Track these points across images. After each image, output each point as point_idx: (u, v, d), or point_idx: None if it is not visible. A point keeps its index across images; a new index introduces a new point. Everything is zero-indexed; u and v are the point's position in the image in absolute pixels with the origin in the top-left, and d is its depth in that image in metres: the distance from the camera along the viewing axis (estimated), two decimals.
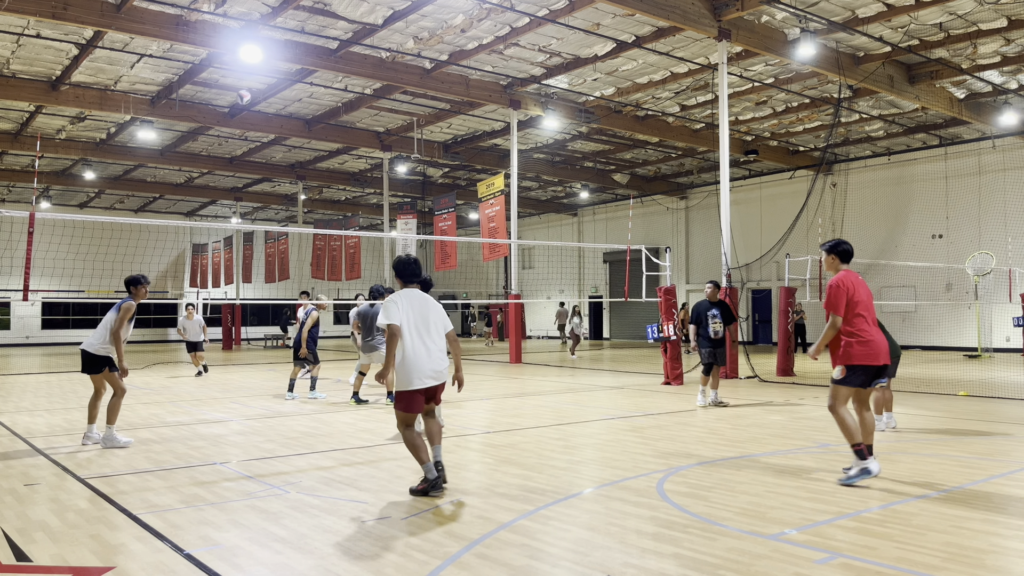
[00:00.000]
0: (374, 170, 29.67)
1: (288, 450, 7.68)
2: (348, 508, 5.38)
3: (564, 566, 4.14)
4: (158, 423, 9.71)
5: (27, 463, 7.11)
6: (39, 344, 33.97)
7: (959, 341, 22.97)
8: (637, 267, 18.92)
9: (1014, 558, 4.26)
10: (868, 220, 25.74)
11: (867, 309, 6.13)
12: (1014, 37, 15.64)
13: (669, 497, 5.59)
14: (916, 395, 12.09)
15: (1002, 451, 7.40)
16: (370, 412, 10.57)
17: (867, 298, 6.19)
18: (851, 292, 6.09)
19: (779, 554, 4.29)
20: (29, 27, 15.23)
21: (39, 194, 32.45)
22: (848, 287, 6.11)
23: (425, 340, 5.74)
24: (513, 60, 17.44)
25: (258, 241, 33.58)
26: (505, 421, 9.60)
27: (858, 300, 6.10)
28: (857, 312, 6.07)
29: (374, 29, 15.31)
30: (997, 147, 22.68)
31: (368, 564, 4.21)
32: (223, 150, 26.43)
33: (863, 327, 6.05)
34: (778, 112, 21.27)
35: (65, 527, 4.95)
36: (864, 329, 6.04)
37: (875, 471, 5.96)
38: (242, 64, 16.75)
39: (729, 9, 14.23)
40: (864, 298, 6.15)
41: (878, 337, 6.09)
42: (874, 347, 6.04)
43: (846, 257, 6.43)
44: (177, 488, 6.03)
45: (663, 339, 14.57)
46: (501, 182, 20.61)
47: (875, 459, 6.03)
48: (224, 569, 4.15)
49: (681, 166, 28.96)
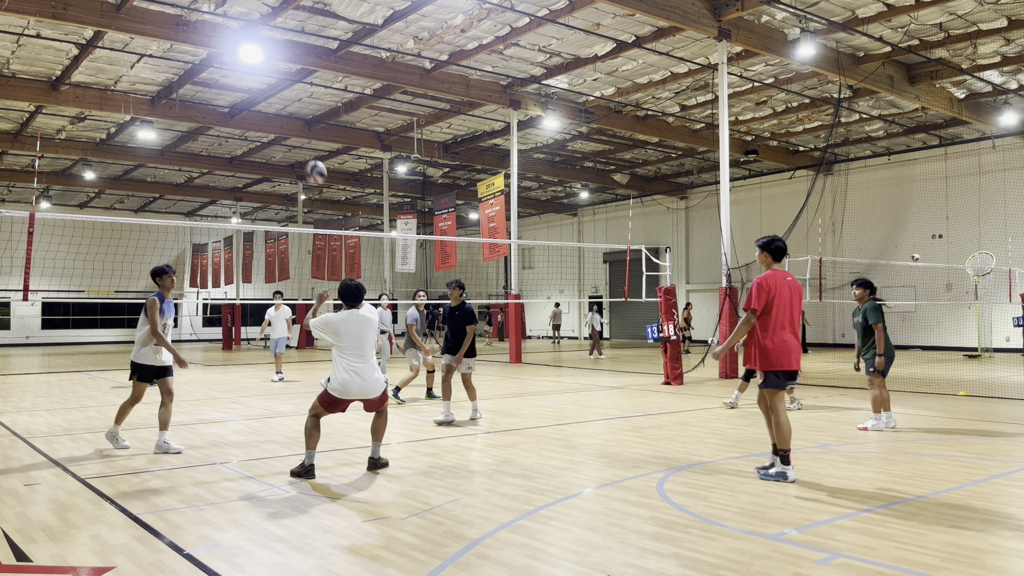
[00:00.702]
0: (374, 170, 29.67)
1: (288, 450, 7.68)
2: (348, 508, 5.38)
3: (564, 566, 4.14)
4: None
5: (27, 463, 7.11)
6: (39, 344, 33.95)
7: (959, 341, 22.97)
8: (637, 267, 18.92)
9: (1014, 558, 4.26)
10: (868, 220, 25.75)
11: (785, 311, 6.07)
12: (1014, 37, 15.65)
13: (669, 497, 5.59)
14: (916, 395, 12.09)
15: (1002, 451, 7.40)
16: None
17: (790, 300, 6.11)
18: (772, 293, 6.03)
19: (779, 554, 4.29)
20: (29, 27, 15.23)
21: (39, 194, 32.46)
22: (771, 287, 6.04)
23: (357, 362, 6.31)
24: (513, 60, 17.44)
25: (258, 241, 33.58)
26: (505, 421, 9.59)
27: (779, 303, 6.05)
28: (774, 314, 6.03)
29: (374, 29, 15.31)
30: (997, 147, 22.68)
31: (368, 564, 4.21)
32: (223, 150, 26.43)
33: (775, 329, 6.03)
34: (778, 112, 21.27)
35: (65, 527, 4.95)
36: (776, 332, 6.02)
37: (791, 478, 6.01)
38: (242, 64, 16.76)
39: (729, 9, 14.24)
40: (785, 301, 6.08)
41: (790, 340, 6.06)
42: (785, 350, 6.02)
43: (778, 255, 6.33)
44: (177, 488, 6.03)
45: (663, 339, 14.57)
46: (501, 182, 20.61)
47: (793, 468, 6.09)
48: (224, 569, 4.15)
49: (681, 166, 28.96)
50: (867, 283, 8.81)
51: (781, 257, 6.34)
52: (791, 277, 6.24)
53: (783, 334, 6.03)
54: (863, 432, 8.52)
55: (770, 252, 6.32)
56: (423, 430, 8.99)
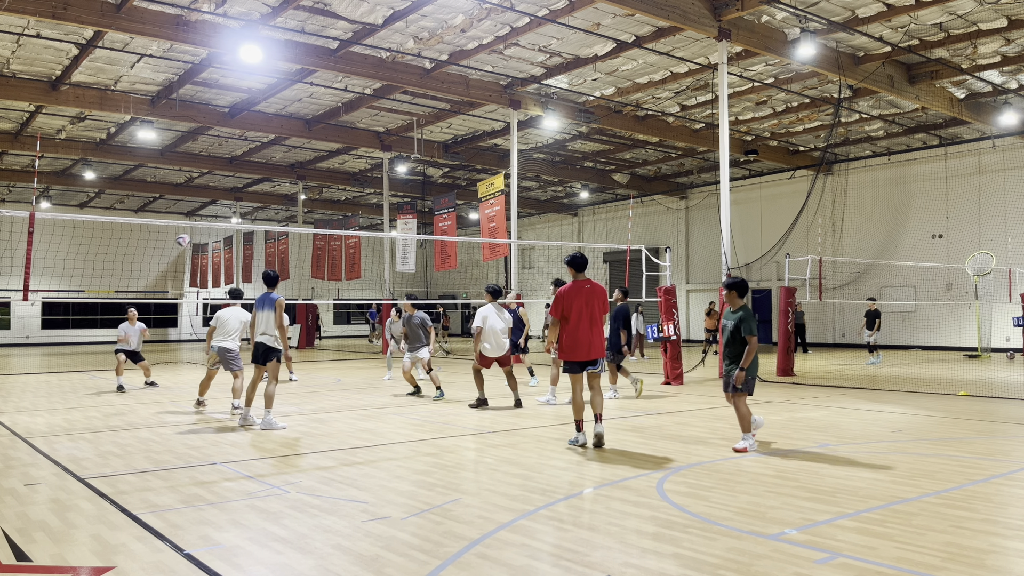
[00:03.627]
0: (374, 170, 29.67)
1: (288, 450, 7.68)
2: (348, 508, 5.38)
3: (564, 566, 4.14)
4: (158, 423, 9.71)
5: (27, 463, 7.11)
6: (39, 344, 33.96)
7: (959, 341, 22.98)
8: (637, 267, 18.91)
9: (1014, 558, 4.26)
10: (868, 220, 25.75)
11: (580, 314, 7.55)
12: (1014, 37, 15.64)
13: (669, 497, 5.59)
14: (916, 395, 12.09)
15: (1002, 451, 7.40)
16: (372, 412, 10.59)
17: (585, 304, 7.59)
18: (568, 301, 7.56)
19: (779, 554, 4.29)
20: (29, 27, 15.23)
21: (39, 194, 32.46)
22: (566, 297, 7.59)
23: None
24: (513, 60, 17.44)
25: (258, 241, 33.58)
26: (505, 421, 9.60)
27: (574, 307, 7.55)
28: (569, 316, 7.58)
29: (374, 29, 15.31)
30: (997, 147, 22.68)
31: (368, 564, 4.21)
32: (223, 150, 26.43)
33: (571, 329, 7.57)
34: (778, 112, 21.27)
35: (65, 527, 4.95)
36: (571, 331, 7.56)
37: (581, 441, 7.64)
38: (242, 64, 16.75)
39: (729, 9, 14.23)
40: (581, 305, 7.57)
41: (582, 336, 7.54)
42: (577, 344, 7.55)
43: (578, 266, 7.79)
44: (177, 488, 6.03)
45: (663, 339, 14.57)
46: (501, 182, 20.61)
47: (583, 434, 7.68)
48: (224, 569, 4.15)
49: (681, 166, 28.96)
50: (741, 284, 7.53)
51: (582, 267, 7.82)
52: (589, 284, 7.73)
53: (577, 333, 7.57)
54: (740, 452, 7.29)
55: (572, 266, 7.82)
56: (423, 430, 8.99)
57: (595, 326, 7.61)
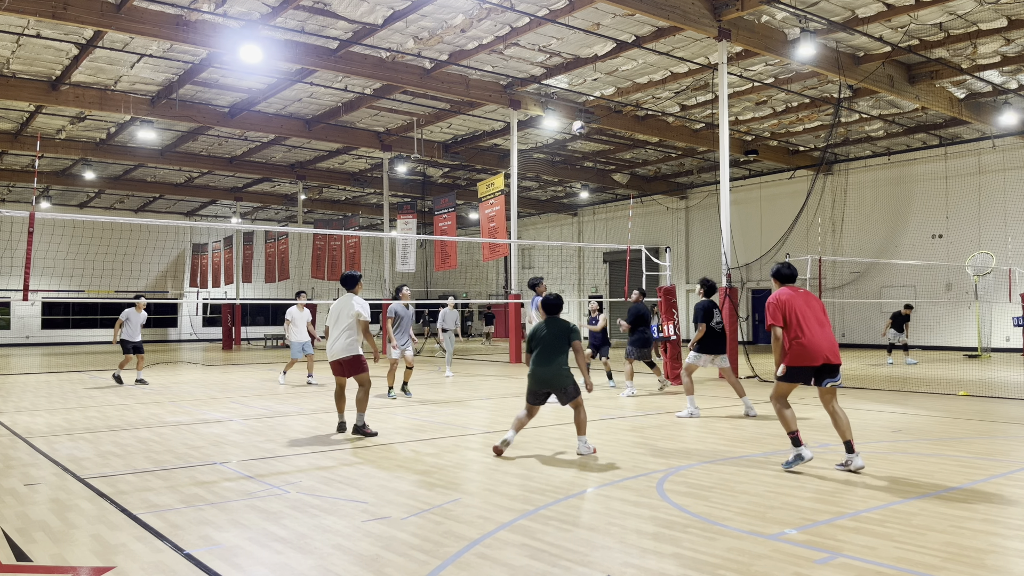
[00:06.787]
0: (374, 170, 29.67)
1: (288, 450, 7.68)
2: (348, 508, 5.38)
3: (564, 566, 4.14)
4: (158, 423, 9.71)
5: (27, 463, 7.11)
6: (39, 344, 33.97)
7: (959, 341, 22.98)
8: (637, 267, 18.91)
9: (1014, 558, 4.26)
10: (868, 220, 25.75)
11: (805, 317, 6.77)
12: (1014, 37, 15.64)
13: (669, 497, 5.59)
14: (916, 395, 12.09)
15: (1002, 451, 7.40)
16: (371, 412, 10.59)
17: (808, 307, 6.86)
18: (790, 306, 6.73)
19: (779, 554, 4.29)
20: (29, 27, 15.23)
21: (39, 194, 32.46)
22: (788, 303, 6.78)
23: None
24: (513, 60, 17.44)
25: (258, 241, 33.59)
26: (505, 421, 9.59)
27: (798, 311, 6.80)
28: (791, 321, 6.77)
29: (374, 29, 15.31)
30: (997, 147, 22.68)
31: (368, 564, 4.21)
32: (223, 150, 26.43)
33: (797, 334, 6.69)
34: (778, 112, 21.27)
35: (65, 527, 4.95)
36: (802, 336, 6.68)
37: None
38: (242, 64, 16.75)
39: (729, 9, 14.23)
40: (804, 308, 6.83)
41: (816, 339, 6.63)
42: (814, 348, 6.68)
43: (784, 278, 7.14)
44: (177, 488, 6.03)
45: (663, 339, 14.57)
46: (501, 182, 20.61)
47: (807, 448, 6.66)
48: (224, 569, 4.15)
49: (681, 166, 28.96)
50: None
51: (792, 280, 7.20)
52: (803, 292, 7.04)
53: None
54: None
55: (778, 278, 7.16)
56: (423, 430, 8.99)
57: (824, 327, 6.80)
